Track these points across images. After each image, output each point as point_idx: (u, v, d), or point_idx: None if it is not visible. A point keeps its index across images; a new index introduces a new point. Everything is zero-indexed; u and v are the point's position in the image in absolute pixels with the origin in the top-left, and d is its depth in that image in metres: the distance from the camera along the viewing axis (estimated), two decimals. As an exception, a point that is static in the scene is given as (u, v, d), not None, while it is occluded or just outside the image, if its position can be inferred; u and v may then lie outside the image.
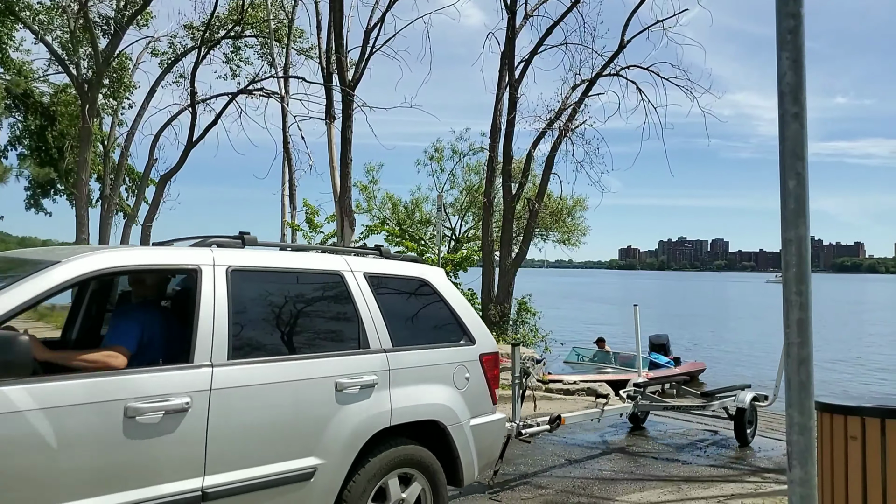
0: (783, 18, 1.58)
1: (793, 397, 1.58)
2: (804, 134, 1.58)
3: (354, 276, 4.19)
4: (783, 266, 1.59)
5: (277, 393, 3.55)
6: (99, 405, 2.97)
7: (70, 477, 2.87)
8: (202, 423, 3.25)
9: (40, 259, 3.21)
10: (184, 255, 3.56)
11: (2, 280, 3.07)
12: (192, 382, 3.26)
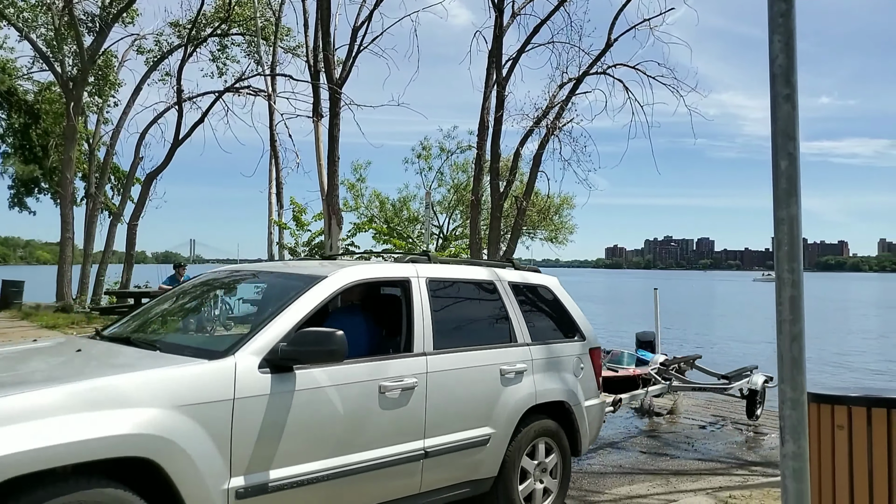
0: (775, 1, 1.61)
1: (785, 373, 1.61)
2: (795, 115, 1.61)
3: (503, 284, 5.19)
4: (775, 245, 1.62)
5: (464, 376, 4.52)
6: (366, 383, 3.94)
7: (348, 434, 3.82)
8: (423, 398, 4.22)
9: (310, 273, 4.24)
10: (399, 269, 4.62)
11: (283, 290, 4.18)
12: (416, 367, 4.23)
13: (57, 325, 14.89)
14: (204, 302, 5.18)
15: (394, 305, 4.60)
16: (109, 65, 22.99)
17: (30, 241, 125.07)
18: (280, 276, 4.68)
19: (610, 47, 17.12)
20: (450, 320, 4.68)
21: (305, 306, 3.87)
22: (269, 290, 4.67)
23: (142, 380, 3.17)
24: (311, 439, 3.67)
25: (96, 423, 2.90)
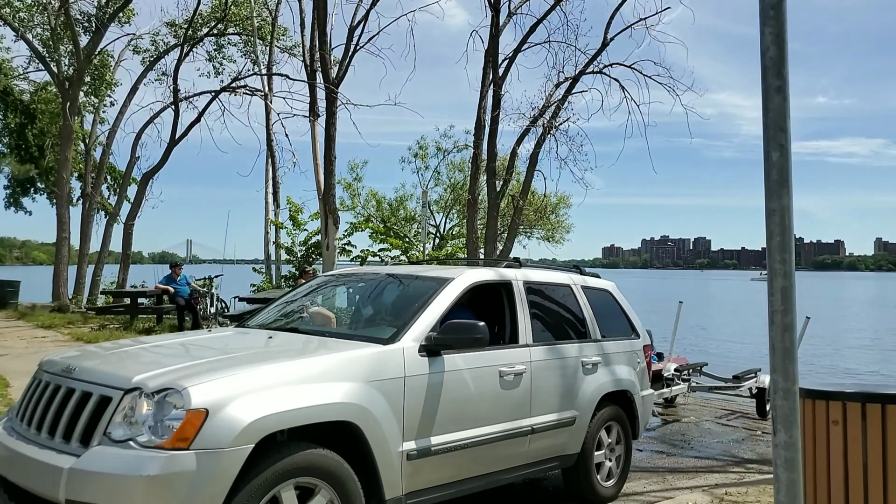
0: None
1: (777, 363, 1.61)
2: (787, 107, 1.62)
3: (577, 287, 5.89)
4: (767, 235, 1.63)
5: (557, 366, 5.23)
6: (490, 368, 4.62)
7: (479, 410, 4.51)
8: (528, 383, 4.91)
9: (440, 276, 4.95)
10: (504, 272, 5.30)
11: (419, 289, 4.87)
12: (523, 356, 4.93)
13: (53, 325, 14.87)
14: (345, 297, 6.02)
15: (497, 303, 5.30)
16: (106, 64, 22.92)
17: (26, 242, 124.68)
18: (407, 281, 5.39)
19: (606, 46, 17.14)
20: (541, 317, 5.38)
21: (444, 302, 4.59)
22: (405, 288, 5.33)
23: (342, 359, 3.89)
24: (455, 413, 4.36)
25: (316, 392, 3.58)
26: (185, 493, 3.05)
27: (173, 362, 3.66)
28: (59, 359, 3.91)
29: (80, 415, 3.36)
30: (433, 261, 5.94)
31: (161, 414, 3.20)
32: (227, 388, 3.30)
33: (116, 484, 3.04)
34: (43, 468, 3.24)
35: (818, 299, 58.86)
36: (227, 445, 3.15)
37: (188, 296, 14.93)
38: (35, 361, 10.40)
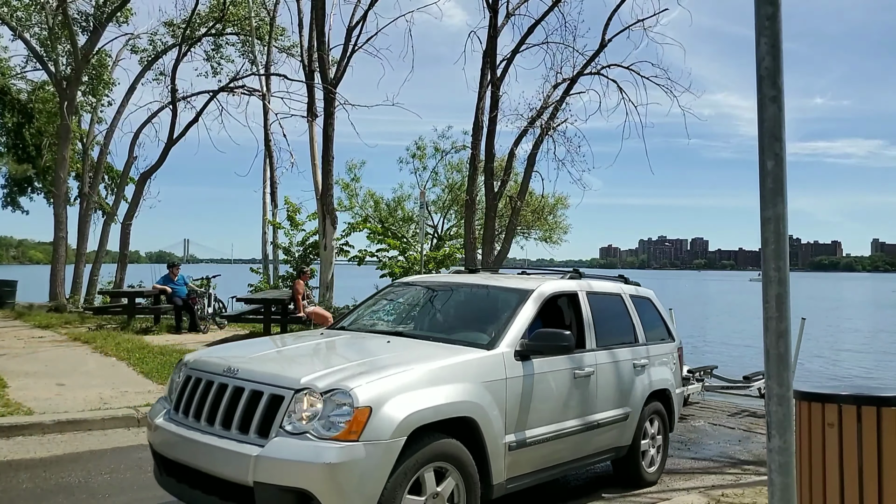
0: (761, 5, 1.63)
1: (772, 369, 1.63)
2: (782, 116, 1.63)
3: (626, 295, 6.51)
4: (762, 243, 1.64)
5: (615, 368, 5.84)
6: (566, 370, 5.23)
7: (559, 408, 5.14)
8: (595, 383, 5.54)
9: (518, 287, 5.53)
10: (571, 283, 5.89)
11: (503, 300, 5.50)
12: (590, 360, 5.54)
13: (50, 325, 14.85)
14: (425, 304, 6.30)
15: (565, 310, 6.05)
16: (103, 64, 22.86)
17: (22, 241, 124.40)
18: (487, 292, 5.91)
19: (604, 48, 17.19)
20: (600, 323, 5.90)
21: (530, 312, 5.20)
22: (488, 298, 5.84)
23: (460, 363, 4.49)
24: (542, 410, 4.96)
25: (447, 392, 4.18)
26: (357, 477, 3.67)
27: (326, 364, 4.40)
28: (213, 360, 4.51)
29: (253, 410, 3.95)
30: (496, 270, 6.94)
31: (330, 410, 3.80)
32: (382, 389, 3.90)
33: (301, 469, 3.65)
34: (230, 455, 3.83)
35: (816, 300, 58.93)
36: (387, 437, 3.77)
37: (186, 296, 14.92)
38: (32, 361, 10.35)
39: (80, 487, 5.58)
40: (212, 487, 3.98)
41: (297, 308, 13.50)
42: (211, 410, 4.15)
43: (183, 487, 4.20)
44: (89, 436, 7.09)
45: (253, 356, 4.66)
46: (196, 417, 4.22)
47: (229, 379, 4.18)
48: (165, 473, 4.36)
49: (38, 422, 7.12)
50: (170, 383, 4.77)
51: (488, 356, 4.65)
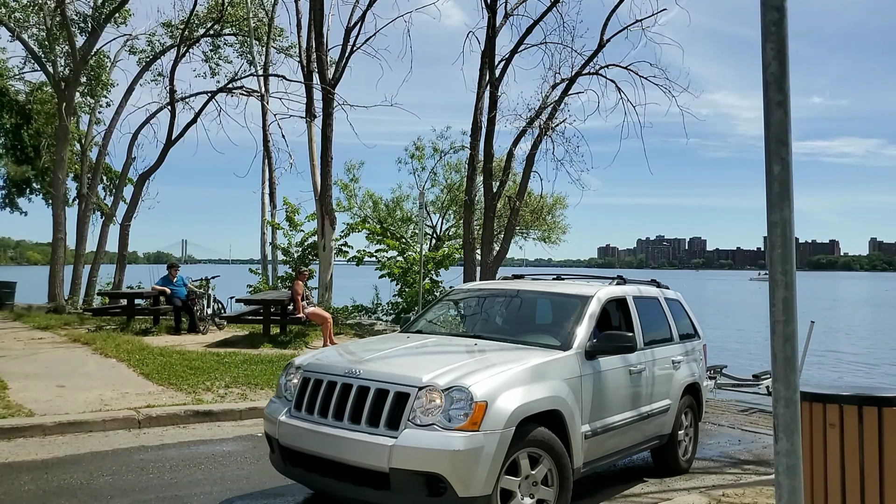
0: (767, 11, 1.64)
1: (779, 372, 1.64)
2: (788, 121, 1.64)
3: (662, 298, 7.15)
4: (769, 247, 1.65)
5: (658, 364, 6.48)
6: (623, 368, 5.86)
7: (619, 400, 5.78)
8: (643, 378, 6.16)
9: (577, 293, 6.18)
10: (623, 289, 6.54)
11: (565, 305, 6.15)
12: (640, 358, 6.15)
13: (50, 327, 14.84)
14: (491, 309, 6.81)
15: (615, 313, 6.45)
16: (102, 65, 22.82)
17: (20, 242, 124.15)
18: (549, 297, 6.57)
19: (602, 48, 17.18)
20: (645, 325, 6.49)
21: (593, 316, 5.83)
22: (551, 302, 6.52)
23: (545, 362, 5.12)
24: (607, 403, 5.60)
25: (539, 388, 4.82)
26: (480, 462, 4.29)
27: (437, 365, 4.86)
28: (331, 363, 5.15)
29: (381, 406, 4.55)
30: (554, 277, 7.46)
31: (451, 405, 4.43)
32: (492, 386, 4.53)
33: (432, 455, 4.28)
34: (366, 446, 4.44)
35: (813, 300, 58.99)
36: (501, 427, 4.40)
37: (185, 297, 14.91)
38: (32, 363, 10.34)
39: (82, 489, 5.58)
40: (343, 474, 4.57)
41: (296, 309, 13.50)
42: (338, 407, 4.75)
43: (313, 476, 4.83)
44: (90, 437, 7.09)
45: (367, 359, 5.21)
46: (322, 414, 4.82)
47: (352, 379, 4.78)
48: (291, 464, 4.98)
49: (38, 423, 7.12)
50: (281, 384, 5.37)
51: (566, 356, 5.34)
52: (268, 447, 5.46)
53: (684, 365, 6.94)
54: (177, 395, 8.64)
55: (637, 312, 6.43)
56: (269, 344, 12.91)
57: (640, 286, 6.97)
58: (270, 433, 5.18)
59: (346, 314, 16.82)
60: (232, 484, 5.87)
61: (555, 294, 6.47)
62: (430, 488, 4.33)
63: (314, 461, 4.74)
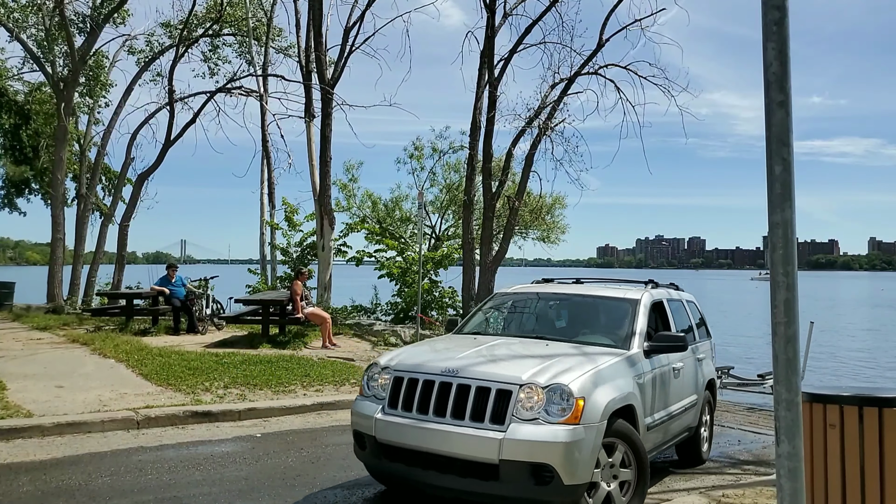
0: (769, 10, 1.63)
1: (780, 374, 1.63)
2: (789, 121, 1.63)
3: (685, 301, 7.76)
4: (770, 248, 1.64)
5: (691, 362, 7.04)
6: (670, 365, 6.33)
7: (668, 395, 6.26)
8: (681, 375, 6.62)
9: (627, 297, 6.60)
10: (660, 293, 7.08)
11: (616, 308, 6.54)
12: (681, 358, 6.66)
13: (49, 327, 14.82)
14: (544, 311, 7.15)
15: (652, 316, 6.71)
16: (100, 65, 22.77)
17: (19, 242, 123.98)
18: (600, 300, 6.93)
19: (601, 48, 17.17)
20: (677, 325, 7.06)
21: (644, 318, 6.31)
22: (603, 305, 6.85)
23: (618, 361, 5.58)
24: (660, 398, 6.09)
25: (616, 386, 5.23)
26: (581, 451, 4.71)
27: (531, 364, 5.22)
28: (420, 362, 5.39)
29: (484, 403, 4.88)
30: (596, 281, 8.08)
31: (551, 401, 4.82)
32: (584, 383, 4.94)
33: (542, 447, 4.65)
34: (475, 440, 4.76)
35: (814, 300, 58.97)
36: (597, 421, 4.85)
37: (184, 297, 14.90)
38: (31, 363, 10.33)
39: (80, 490, 5.57)
40: (448, 467, 4.86)
41: (295, 309, 13.49)
42: (438, 404, 5.02)
43: (414, 470, 5.06)
44: (89, 438, 7.08)
45: (458, 359, 5.41)
46: (422, 411, 5.08)
47: (452, 378, 5.06)
48: (389, 459, 5.21)
49: (37, 424, 7.11)
50: (367, 383, 5.60)
51: (633, 356, 5.80)
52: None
53: (705, 362, 7.54)
54: (175, 396, 8.63)
55: (671, 314, 6.98)
56: (268, 344, 12.90)
57: (668, 289, 7.51)
58: (364, 430, 5.34)
59: (346, 314, 16.80)
60: (231, 485, 5.87)
61: (605, 298, 6.88)
62: (537, 478, 4.68)
63: (415, 455, 5.00)
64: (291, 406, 8.72)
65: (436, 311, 17.04)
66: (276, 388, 9.37)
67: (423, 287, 16.54)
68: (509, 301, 7.40)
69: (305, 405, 8.84)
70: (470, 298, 16.95)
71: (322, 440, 7.62)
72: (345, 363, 11.41)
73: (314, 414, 8.72)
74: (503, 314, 7.36)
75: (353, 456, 5.86)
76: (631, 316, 6.26)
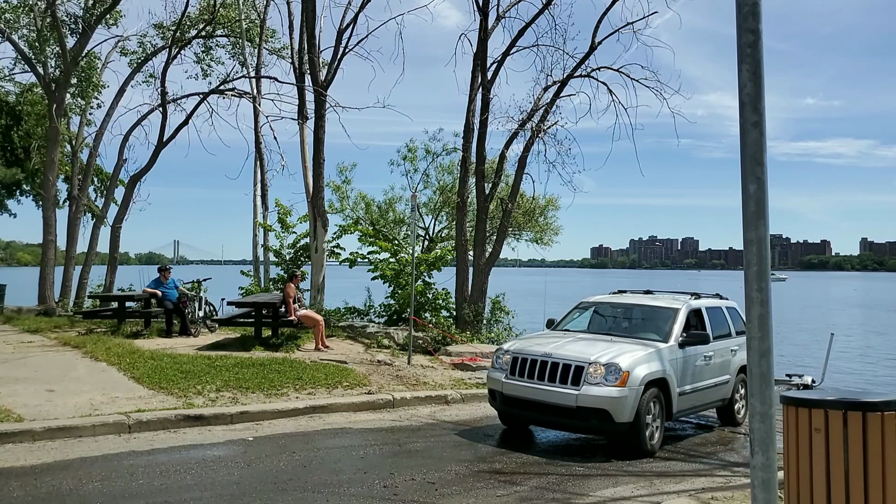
0: (743, 34, 1.65)
1: (754, 387, 1.66)
2: (763, 141, 1.66)
3: (724, 307, 10.22)
4: (745, 265, 1.67)
5: (721, 352, 9.54)
6: (700, 353, 8.94)
7: (697, 374, 8.94)
8: (713, 361, 9.24)
9: (670, 306, 9.33)
10: (699, 302, 9.67)
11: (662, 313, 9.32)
12: (711, 348, 9.19)
13: (40, 330, 14.76)
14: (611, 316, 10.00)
15: (692, 318, 9.31)
16: (93, 66, 22.68)
17: (10, 243, 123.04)
18: (651, 308, 9.63)
19: (594, 50, 17.23)
20: (713, 325, 9.48)
21: (682, 320, 8.95)
22: (652, 312, 9.53)
23: (657, 349, 8.35)
24: (691, 375, 8.76)
25: (655, 364, 8.12)
26: (626, 403, 7.69)
27: (598, 350, 8.15)
28: (532, 349, 8.43)
29: (567, 372, 7.93)
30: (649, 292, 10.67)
31: (608, 372, 7.76)
32: (630, 362, 7.87)
33: (601, 399, 7.71)
34: (563, 395, 7.87)
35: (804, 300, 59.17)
36: (637, 386, 7.78)
37: (176, 299, 14.87)
38: (21, 367, 10.29)
39: (71, 495, 5.57)
40: (545, 410, 8.07)
41: (288, 312, 13.48)
42: (540, 373, 8.13)
43: (524, 411, 8.33)
44: (80, 443, 7.08)
45: (552, 346, 8.42)
46: (530, 377, 8.20)
47: (549, 358, 8.15)
48: (509, 406, 8.45)
49: (28, 429, 7.10)
50: (495, 360, 8.79)
51: (668, 346, 8.51)
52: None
53: (740, 352, 9.80)
54: (167, 399, 8.62)
55: (707, 317, 9.49)
56: (261, 347, 12.89)
57: (709, 299, 10.14)
58: (495, 388, 8.56)
59: (339, 316, 16.78)
60: (222, 489, 5.88)
61: (655, 307, 9.54)
62: (599, 417, 7.71)
63: (525, 403, 8.20)
64: (284, 409, 8.74)
65: (429, 314, 17.02)
66: (268, 392, 9.38)
67: (416, 289, 16.54)
68: (591, 307, 10.23)
69: (298, 408, 8.85)
70: (463, 300, 16.96)
71: (314, 444, 7.63)
72: (337, 366, 11.41)
73: (306, 417, 8.74)
74: (586, 316, 10.16)
75: (346, 460, 6.43)
76: (672, 319, 8.96)
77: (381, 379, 10.88)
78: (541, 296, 64.35)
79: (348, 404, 9.36)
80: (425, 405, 10.02)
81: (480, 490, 6.25)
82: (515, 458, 7.59)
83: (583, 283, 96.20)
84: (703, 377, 8.99)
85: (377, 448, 7.56)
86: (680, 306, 9.16)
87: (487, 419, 9.44)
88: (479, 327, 16.82)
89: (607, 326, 9.66)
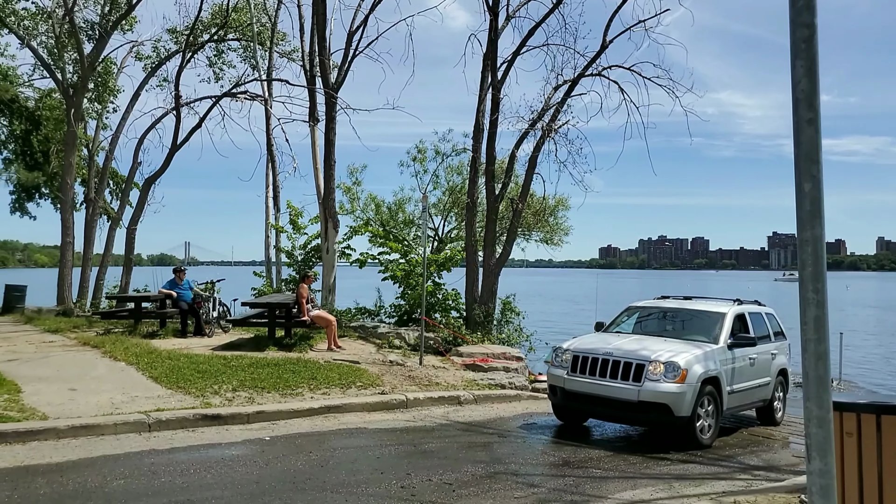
0: (797, 28, 1.64)
1: (811, 391, 1.63)
2: (818, 138, 1.65)
3: (765, 313, 10.93)
4: (800, 265, 1.65)
5: (764, 355, 10.24)
6: (747, 355, 9.76)
7: (745, 374, 9.63)
8: (756, 362, 9.97)
9: (717, 311, 10.07)
10: (742, 307, 10.40)
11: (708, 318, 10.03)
12: (755, 350, 9.91)
13: (60, 330, 14.88)
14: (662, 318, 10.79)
15: (736, 322, 9.90)
16: (109, 71, 22.87)
17: (28, 245, 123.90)
18: (698, 312, 10.28)
19: (605, 49, 17.13)
20: (756, 328, 10.12)
21: (729, 324, 9.62)
22: (700, 316, 10.15)
23: (710, 350, 9.00)
24: (738, 375, 9.35)
25: (707, 364, 8.74)
26: (684, 398, 8.31)
27: (656, 349, 8.76)
28: (592, 347, 9.12)
29: (629, 370, 8.54)
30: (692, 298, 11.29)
31: (668, 370, 8.38)
32: (687, 360, 8.48)
33: (662, 394, 8.34)
34: (625, 390, 8.49)
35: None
36: (694, 382, 8.41)
37: (191, 300, 14.94)
38: (44, 366, 10.39)
39: (96, 493, 5.61)
40: (606, 404, 8.66)
41: (301, 312, 13.51)
42: (601, 370, 8.75)
43: (586, 405, 8.97)
44: (102, 441, 7.13)
45: (613, 344, 9.10)
46: (591, 374, 8.82)
47: (609, 356, 8.78)
48: (570, 401, 9.11)
49: (52, 427, 7.16)
50: (554, 358, 9.43)
51: (719, 348, 9.15)
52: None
53: (778, 356, 10.61)
54: (185, 399, 8.66)
55: (751, 321, 10.12)
56: (275, 347, 12.92)
57: (751, 305, 10.83)
58: (556, 384, 9.20)
59: (350, 317, 16.79)
60: (242, 488, 5.90)
61: (703, 311, 10.20)
62: (659, 411, 8.32)
63: (587, 397, 8.80)
64: (299, 409, 8.76)
65: (439, 314, 16.99)
66: (283, 391, 9.41)
67: (426, 289, 16.54)
68: (638, 311, 11.02)
69: (313, 408, 8.87)
70: (473, 300, 16.93)
71: (330, 443, 7.65)
72: (350, 366, 11.43)
73: (321, 417, 8.76)
74: (633, 319, 10.90)
75: (362, 460, 6.58)
76: (720, 323, 9.64)
77: (393, 379, 10.88)
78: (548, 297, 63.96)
79: (362, 404, 9.38)
80: (438, 406, 10.02)
81: (498, 491, 6.23)
82: (532, 460, 7.58)
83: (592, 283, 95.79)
84: (748, 378, 9.61)
85: (393, 448, 7.56)
86: (727, 310, 9.89)
87: (501, 420, 9.42)
88: (489, 328, 16.77)
89: (657, 329, 10.41)
